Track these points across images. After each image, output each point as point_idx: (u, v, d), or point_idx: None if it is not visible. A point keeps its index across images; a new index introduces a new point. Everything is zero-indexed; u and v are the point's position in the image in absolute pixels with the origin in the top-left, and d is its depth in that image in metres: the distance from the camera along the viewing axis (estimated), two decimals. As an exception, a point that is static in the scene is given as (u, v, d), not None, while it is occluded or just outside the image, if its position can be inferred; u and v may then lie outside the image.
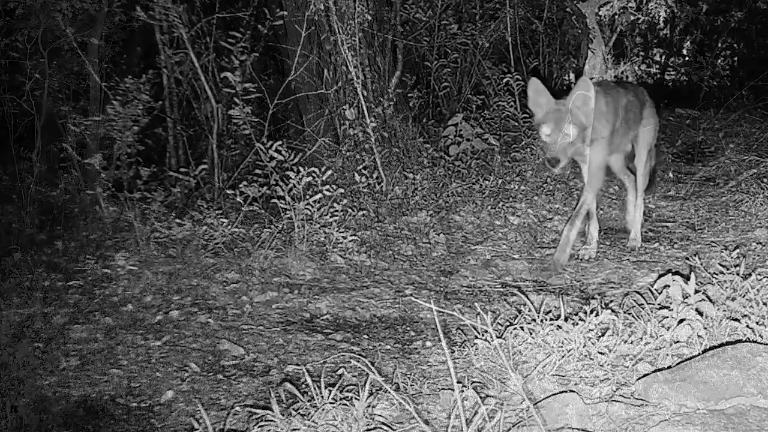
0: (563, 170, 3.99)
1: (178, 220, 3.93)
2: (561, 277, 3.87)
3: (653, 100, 4.59)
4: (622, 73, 14.26)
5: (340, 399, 2.28)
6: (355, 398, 2.27)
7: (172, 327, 3.17)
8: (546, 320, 2.85)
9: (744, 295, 2.95)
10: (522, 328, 2.84)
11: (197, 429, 2.26)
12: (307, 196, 3.99)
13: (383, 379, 2.28)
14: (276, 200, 3.97)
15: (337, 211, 4.10)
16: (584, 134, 3.78)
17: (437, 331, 2.91)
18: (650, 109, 4.48)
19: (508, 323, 3.01)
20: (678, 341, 2.65)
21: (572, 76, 9.59)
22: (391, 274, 3.91)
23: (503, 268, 4.04)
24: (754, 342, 2.54)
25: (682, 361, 2.47)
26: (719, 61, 12.44)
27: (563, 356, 2.66)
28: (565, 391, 2.37)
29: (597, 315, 2.81)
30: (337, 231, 4.05)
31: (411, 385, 2.59)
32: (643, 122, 4.39)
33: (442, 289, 3.72)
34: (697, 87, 12.22)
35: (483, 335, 2.81)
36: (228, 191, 4.24)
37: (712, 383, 2.26)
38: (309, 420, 2.21)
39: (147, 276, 3.61)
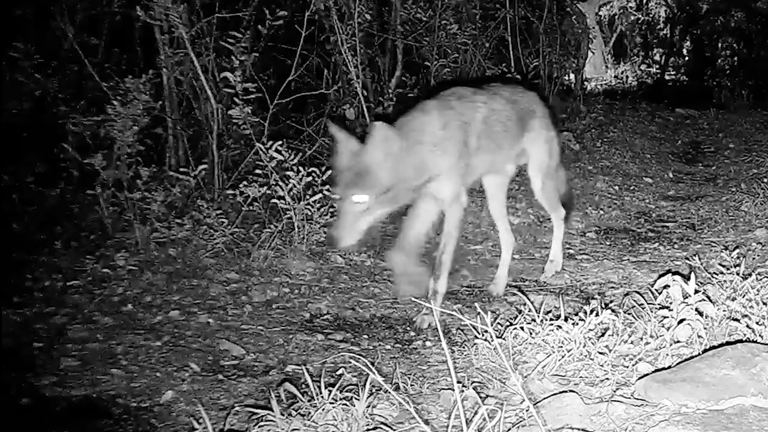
0: (352, 246, 3.19)
1: (178, 220, 3.93)
2: (561, 277, 3.87)
3: (548, 108, 3.81)
4: (622, 73, 14.28)
5: (340, 399, 2.28)
6: (355, 398, 2.27)
7: (172, 327, 3.17)
8: (546, 320, 2.85)
9: (744, 295, 2.95)
10: (522, 328, 2.84)
11: (197, 429, 2.26)
12: (307, 196, 3.99)
13: (383, 379, 2.28)
14: (276, 200, 3.97)
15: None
16: (394, 194, 3.00)
17: (437, 331, 2.91)
18: (542, 120, 3.64)
19: (508, 323, 3.01)
20: (678, 341, 2.65)
21: (572, 76, 9.60)
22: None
23: (503, 268, 4.03)
24: (754, 342, 2.54)
25: (682, 361, 2.47)
26: (719, 61, 12.43)
27: (563, 356, 2.66)
28: (565, 391, 2.38)
29: (597, 315, 2.81)
30: (337, 231, 4.04)
31: (411, 385, 2.59)
32: (529, 136, 3.57)
33: (442, 289, 3.72)
34: (697, 87, 12.24)
35: (483, 335, 2.81)
36: (228, 191, 4.23)
37: (712, 383, 2.26)
38: (309, 420, 2.21)
39: (147, 276, 3.60)
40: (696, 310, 2.69)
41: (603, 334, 2.77)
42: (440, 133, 3.14)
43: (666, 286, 2.80)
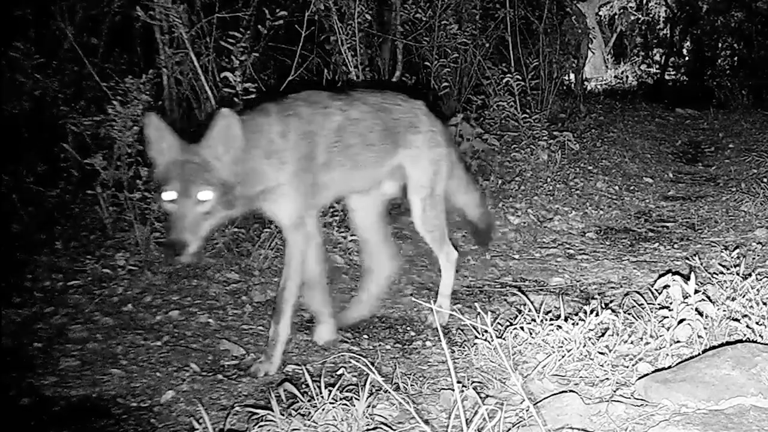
0: (196, 256, 2.62)
1: (178, 220, 3.92)
2: (561, 276, 3.87)
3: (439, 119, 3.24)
4: (622, 73, 14.28)
5: (340, 399, 2.28)
6: (355, 398, 2.27)
7: (172, 327, 3.17)
8: (546, 320, 2.85)
9: (744, 295, 2.95)
10: (522, 328, 2.84)
11: (197, 429, 2.26)
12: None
13: (383, 379, 2.28)
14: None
15: (337, 211, 4.10)
16: (231, 196, 2.56)
17: (437, 331, 2.91)
18: (426, 135, 3.10)
19: (508, 323, 3.01)
20: (678, 341, 2.65)
21: (572, 76, 9.60)
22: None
23: (503, 268, 4.04)
24: (754, 342, 2.54)
25: (682, 361, 2.47)
26: (719, 61, 12.44)
27: (563, 356, 2.66)
28: (565, 391, 2.38)
29: (597, 315, 2.81)
30: (337, 231, 4.05)
31: (411, 385, 2.59)
32: (407, 153, 3.07)
33: (442, 289, 3.72)
34: (697, 87, 12.24)
35: (483, 335, 2.81)
36: (228, 191, 4.22)
37: (712, 383, 2.26)
38: (309, 420, 2.21)
39: (147, 276, 3.60)
40: (696, 310, 2.69)
41: (603, 334, 2.77)
42: (278, 141, 2.70)
43: (666, 286, 2.80)
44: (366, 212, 3.22)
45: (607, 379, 2.55)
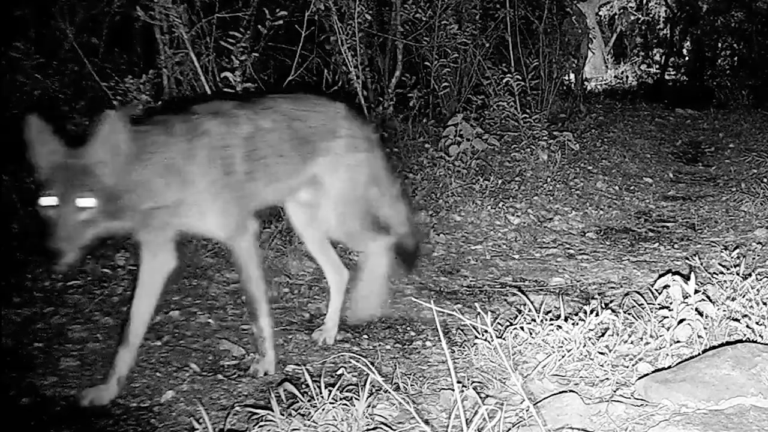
0: (71, 264, 2.41)
1: (178, 220, 3.92)
2: (561, 276, 3.87)
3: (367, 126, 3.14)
4: (622, 73, 14.28)
5: (340, 399, 2.28)
6: (355, 398, 2.27)
7: (172, 327, 3.17)
8: (546, 320, 2.85)
9: (744, 295, 2.95)
10: (522, 328, 2.84)
11: (197, 429, 2.26)
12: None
13: (383, 379, 2.28)
14: (276, 200, 3.95)
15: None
16: (118, 206, 2.41)
17: (437, 331, 2.91)
18: (346, 141, 2.93)
19: (508, 323, 3.01)
20: (678, 341, 2.65)
21: (572, 76, 9.60)
22: (391, 274, 3.90)
23: (503, 268, 4.04)
24: (754, 342, 2.54)
25: (682, 361, 2.47)
26: (719, 61, 12.45)
27: (563, 356, 2.66)
28: (565, 391, 2.38)
29: (597, 315, 2.81)
30: (336, 231, 4.04)
31: (411, 385, 2.59)
32: (323, 161, 2.90)
33: (442, 289, 3.72)
34: (697, 87, 12.25)
35: (483, 335, 2.81)
36: (228, 191, 4.22)
37: (712, 383, 2.26)
38: (309, 420, 2.21)
39: (147, 276, 3.60)
40: (696, 310, 2.69)
41: (603, 334, 2.77)
42: (182, 162, 2.56)
43: (666, 286, 2.80)
44: (300, 221, 3.13)
45: (607, 379, 2.55)
